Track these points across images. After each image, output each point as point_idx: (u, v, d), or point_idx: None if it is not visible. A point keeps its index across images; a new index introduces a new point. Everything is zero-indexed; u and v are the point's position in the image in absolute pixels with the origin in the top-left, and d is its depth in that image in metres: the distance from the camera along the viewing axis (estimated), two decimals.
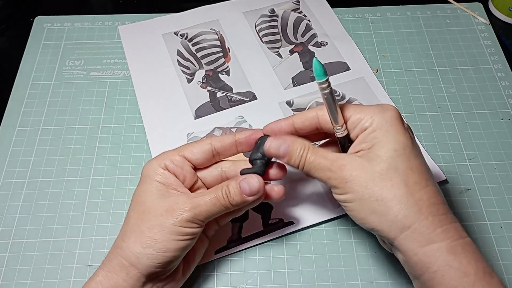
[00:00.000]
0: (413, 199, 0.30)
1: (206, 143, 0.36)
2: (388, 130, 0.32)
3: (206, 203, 0.33)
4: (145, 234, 0.32)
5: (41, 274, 0.40)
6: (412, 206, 0.30)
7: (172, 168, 0.35)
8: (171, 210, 0.33)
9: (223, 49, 0.55)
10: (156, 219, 0.33)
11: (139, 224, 0.33)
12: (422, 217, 0.30)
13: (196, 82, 0.52)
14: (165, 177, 0.35)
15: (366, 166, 0.31)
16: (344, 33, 0.57)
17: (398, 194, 0.30)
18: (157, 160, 0.35)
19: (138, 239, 0.32)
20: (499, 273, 0.40)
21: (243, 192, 0.34)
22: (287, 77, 0.53)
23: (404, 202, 0.30)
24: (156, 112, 0.50)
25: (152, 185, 0.34)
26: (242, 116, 0.49)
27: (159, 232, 0.32)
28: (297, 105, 0.50)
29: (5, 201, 0.44)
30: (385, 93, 0.51)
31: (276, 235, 0.41)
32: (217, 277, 0.40)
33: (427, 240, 0.30)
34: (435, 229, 0.30)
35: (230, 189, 0.34)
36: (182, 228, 0.33)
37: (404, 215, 0.30)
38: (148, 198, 0.34)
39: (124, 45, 0.56)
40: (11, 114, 0.50)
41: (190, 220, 0.33)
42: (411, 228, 0.30)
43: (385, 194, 0.31)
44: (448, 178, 0.45)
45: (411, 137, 0.33)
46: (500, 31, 0.57)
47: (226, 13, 0.59)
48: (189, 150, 0.36)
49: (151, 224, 0.33)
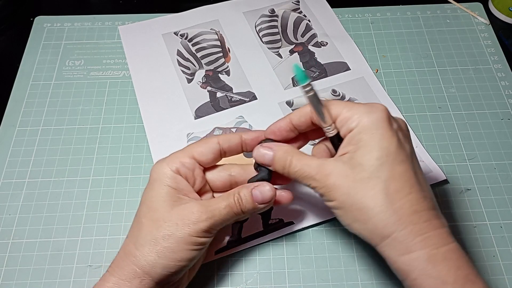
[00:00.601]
0: (392, 208, 0.30)
1: (214, 143, 0.36)
2: (374, 133, 0.31)
3: (221, 213, 0.33)
4: (161, 244, 0.32)
5: (41, 274, 0.40)
6: (392, 216, 0.30)
7: (184, 172, 0.35)
8: (186, 219, 0.32)
9: (223, 49, 0.55)
10: (171, 229, 0.32)
11: (154, 232, 0.32)
12: (401, 226, 0.30)
13: (196, 82, 0.52)
14: (177, 182, 0.34)
15: (349, 174, 0.31)
16: (344, 33, 0.57)
17: (378, 204, 0.30)
18: (168, 163, 0.35)
19: (153, 248, 0.32)
20: (499, 273, 0.40)
21: (256, 200, 0.34)
22: (287, 77, 0.53)
23: (383, 211, 0.30)
24: (156, 112, 0.50)
25: (163, 190, 0.34)
26: (242, 116, 0.49)
27: (175, 242, 0.32)
28: (297, 105, 0.50)
29: (5, 201, 0.44)
30: (385, 93, 0.51)
31: (276, 235, 0.41)
32: (217, 277, 0.40)
33: (406, 249, 0.30)
34: (414, 238, 0.30)
35: (242, 196, 0.34)
36: (197, 238, 0.32)
37: (384, 224, 0.30)
38: (160, 205, 0.33)
39: (124, 45, 0.56)
40: (11, 114, 0.50)
41: (206, 230, 0.33)
42: (391, 238, 0.30)
43: (366, 203, 0.31)
44: (448, 178, 0.45)
45: (398, 140, 0.32)
46: (500, 31, 0.57)
47: (226, 13, 0.59)
48: (198, 151, 0.36)
49: (166, 234, 0.32)
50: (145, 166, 0.46)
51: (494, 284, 0.39)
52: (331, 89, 0.51)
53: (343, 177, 0.32)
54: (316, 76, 0.53)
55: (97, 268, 0.40)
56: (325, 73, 0.53)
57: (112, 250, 0.41)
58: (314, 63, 0.54)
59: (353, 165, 0.31)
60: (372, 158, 0.31)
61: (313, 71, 0.53)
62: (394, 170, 0.31)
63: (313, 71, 0.53)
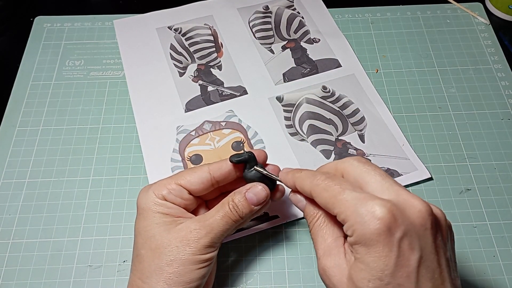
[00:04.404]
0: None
1: (204, 171, 0.35)
2: (369, 251, 0.26)
3: (219, 224, 0.32)
4: (166, 271, 0.31)
5: (41, 274, 0.40)
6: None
7: (172, 199, 0.34)
8: (186, 240, 0.32)
9: (216, 44, 0.56)
10: (173, 253, 0.31)
11: (156, 261, 0.31)
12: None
13: (188, 76, 0.53)
14: (167, 207, 0.33)
15: (344, 282, 0.28)
16: (337, 30, 0.57)
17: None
18: (154, 190, 0.34)
19: (160, 277, 0.31)
20: (499, 273, 0.40)
21: (251, 202, 0.33)
22: (278, 72, 0.53)
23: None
24: (147, 105, 0.50)
25: (155, 217, 0.33)
26: (232, 110, 0.50)
27: (180, 265, 0.31)
28: (287, 100, 0.50)
29: (5, 201, 0.44)
30: (375, 90, 0.51)
31: (262, 228, 0.42)
32: (217, 277, 0.40)
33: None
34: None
35: (236, 203, 0.33)
36: (201, 256, 0.32)
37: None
38: (156, 232, 0.32)
39: (118, 38, 0.56)
40: (11, 114, 0.50)
41: (208, 246, 0.32)
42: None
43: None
44: (448, 178, 0.45)
45: (398, 257, 0.26)
46: (500, 31, 0.57)
47: (221, 9, 0.59)
48: (186, 180, 0.34)
49: (169, 259, 0.31)
50: (145, 166, 0.46)
51: (494, 284, 0.39)
52: (321, 85, 0.52)
53: (340, 282, 0.29)
54: (307, 72, 0.53)
55: (97, 268, 0.40)
56: (316, 69, 0.53)
57: (112, 250, 0.41)
58: (305, 59, 0.54)
59: (349, 276, 0.28)
60: (364, 280, 0.27)
61: (305, 67, 0.53)
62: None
63: (304, 67, 0.53)
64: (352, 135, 0.48)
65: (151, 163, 0.46)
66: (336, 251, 0.30)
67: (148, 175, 0.45)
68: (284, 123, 0.49)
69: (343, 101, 0.51)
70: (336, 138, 0.48)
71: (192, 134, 0.48)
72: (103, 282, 0.40)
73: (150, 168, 0.46)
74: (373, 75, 0.53)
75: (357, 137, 0.48)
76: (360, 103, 0.50)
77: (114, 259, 0.41)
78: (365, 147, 0.47)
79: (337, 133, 0.48)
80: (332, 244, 0.30)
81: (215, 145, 0.47)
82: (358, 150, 0.47)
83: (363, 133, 0.48)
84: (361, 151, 0.47)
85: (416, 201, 0.28)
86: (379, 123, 0.49)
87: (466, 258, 0.41)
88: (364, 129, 0.48)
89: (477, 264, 0.40)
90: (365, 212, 0.27)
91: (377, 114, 0.49)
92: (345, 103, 0.50)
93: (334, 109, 0.50)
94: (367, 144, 0.47)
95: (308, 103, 0.50)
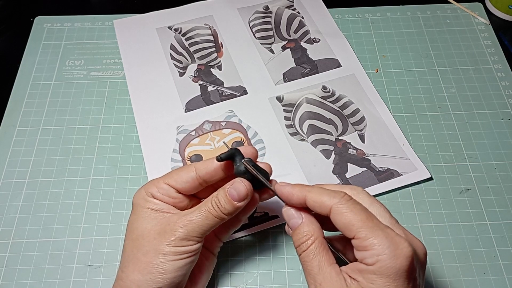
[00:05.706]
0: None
1: (190, 171, 0.35)
2: (388, 284, 0.27)
3: (197, 218, 0.33)
4: (141, 260, 0.32)
5: (41, 274, 0.40)
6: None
7: (160, 197, 0.34)
8: (163, 232, 0.32)
9: (216, 44, 0.56)
10: (150, 244, 0.32)
11: (135, 251, 0.33)
12: None
13: (188, 76, 0.53)
14: (156, 204, 0.34)
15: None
16: (337, 30, 0.57)
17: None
18: (145, 188, 0.35)
19: (135, 266, 0.32)
20: (499, 273, 0.40)
21: (233, 198, 0.33)
22: (278, 72, 0.53)
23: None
24: (147, 105, 0.50)
25: (143, 211, 0.34)
26: (232, 110, 0.50)
27: (154, 255, 0.32)
28: (287, 100, 0.51)
29: (5, 201, 0.44)
30: (375, 90, 0.51)
31: (261, 228, 0.42)
32: (217, 277, 0.40)
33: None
34: None
35: (219, 199, 0.33)
36: (177, 248, 0.32)
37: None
38: (140, 224, 0.33)
39: (118, 38, 0.56)
40: (11, 114, 0.50)
41: (184, 238, 0.32)
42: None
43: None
44: (448, 178, 0.45)
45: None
46: (500, 31, 0.57)
47: (221, 9, 0.59)
48: (173, 179, 0.35)
49: (146, 250, 0.32)
50: (145, 166, 0.46)
51: (494, 284, 0.39)
52: (321, 85, 0.52)
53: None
54: (307, 72, 0.53)
55: (97, 268, 0.40)
56: (316, 69, 0.53)
57: (112, 250, 0.41)
58: (305, 59, 0.54)
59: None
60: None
61: (305, 67, 0.53)
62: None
63: (304, 67, 0.53)
64: (352, 135, 0.48)
65: (151, 163, 0.46)
66: (337, 279, 0.29)
67: (148, 175, 0.45)
68: (284, 123, 0.49)
69: (343, 101, 0.51)
70: (336, 138, 0.48)
71: (192, 134, 0.48)
72: (103, 282, 0.40)
73: (150, 168, 0.46)
74: (373, 75, 0.53)
75: (357, 137, 0.48)
76: (360, 103, 0.50)
77: (114, 259, 0.41)
78: (365, 147, 0.47)
79: (337, 133, 0.48)
80: (331, 272, 0.29)
81: (215, 145, 0.47)
82: (358, 150, 0.47)
83: (363, 133, 0.48)
84: (361, 151, 0.47)
85: (419, 243, 0.30)
86: (379, 123, 0.49)
87: (466, 258, 0.41)
88: (364, 129, 0.48)
89: (477, 264, 0.40)
90: (396, 247, 0.27)
91: (377, 114, 0.49)
92: (345, 103, 0.50)
93: (334, 109, 0.50)
94: (367, 144, 0.47)
95: (308, 103, 0.50)
